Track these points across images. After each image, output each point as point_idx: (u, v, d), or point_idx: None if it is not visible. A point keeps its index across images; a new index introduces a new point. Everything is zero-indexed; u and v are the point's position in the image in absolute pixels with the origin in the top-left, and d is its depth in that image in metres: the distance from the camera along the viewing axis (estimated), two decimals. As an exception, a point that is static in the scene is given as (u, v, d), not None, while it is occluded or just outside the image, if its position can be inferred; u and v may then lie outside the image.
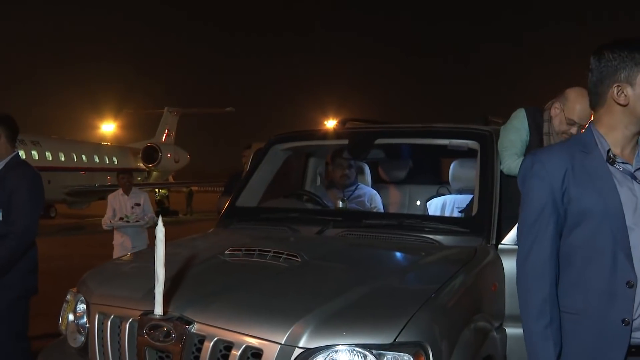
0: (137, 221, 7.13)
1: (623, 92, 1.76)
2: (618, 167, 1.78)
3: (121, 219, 7.15)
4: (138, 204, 7.28)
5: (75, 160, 23.64)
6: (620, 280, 1.71)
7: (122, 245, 7.11)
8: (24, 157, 18.91)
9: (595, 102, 1.85)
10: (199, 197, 31.69)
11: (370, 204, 3.96)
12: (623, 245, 1.71)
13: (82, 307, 2.58)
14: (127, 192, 7.34)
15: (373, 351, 1.87)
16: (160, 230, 2.03)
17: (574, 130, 2.85)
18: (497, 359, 2.48)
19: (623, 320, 1.70)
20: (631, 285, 1.70)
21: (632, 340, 1.71)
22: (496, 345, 2.48)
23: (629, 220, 1.73)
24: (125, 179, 7.42)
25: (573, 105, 2.88)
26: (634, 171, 1.78)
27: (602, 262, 1.74)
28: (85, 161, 24.46)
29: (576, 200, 1.78)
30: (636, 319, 1.71)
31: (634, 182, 1.77)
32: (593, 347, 1.75)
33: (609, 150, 1.79)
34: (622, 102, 1.77)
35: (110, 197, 7.42)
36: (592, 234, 1.76)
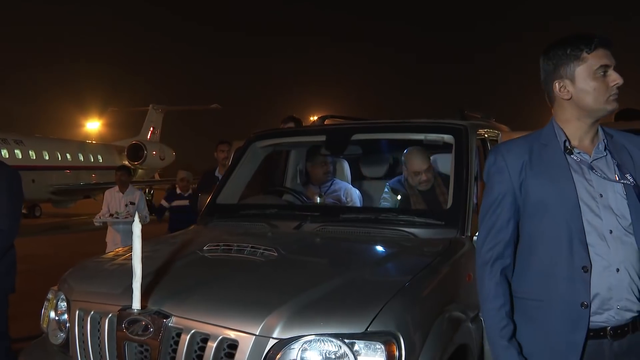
0: (126, 217, 7.01)
1: (565, 87, 1.87)
2: (575, 157, 1.86)
3: (111, 215, 7.08)
4: (132, 203, 7.21)
5: (60, 159, 23.40)
6: (577, 266, 1.79)
7: (114, 242, 7.03)
8: (7, 156, 18.85)
9: (549, 100, 1.96)
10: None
11: (346, 198, 4.01)
12: (578, 232, 1.80)
13: (63, 304, 2.61)
14: (122, 189, 7.26)
15: (345, 340, 1.93)
16: (137, 226, 2.07)
17: (423, 176, 3.60)
18: (472, 348, 2.52)
19: (582, 304, 1.78)
20: (586, 270, 1.78)
21: (591, 323, 1.79)
22: (471, 334, 2.53)
23: (584, 208, 1.81)
24: (123, 175, 7.33)
25: (409, 163, 3.66)
26: (591, 161, 1.86)
27: (559, 249, 1.82)
28: (70, 160, 24.22)
29: (533, 190, 1.87)
30: (593, 302, 1.79)
31: (590, 172, 1.85)
32: (556, 332, 1.82)
33: (565, 141, 1.88)
34: (565, 96, 1.88)
35: (106, 192, 7.38)
36: (550, 222, 1.85)
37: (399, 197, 3.74)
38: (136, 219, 2.08)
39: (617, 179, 1.83)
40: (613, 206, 1.81)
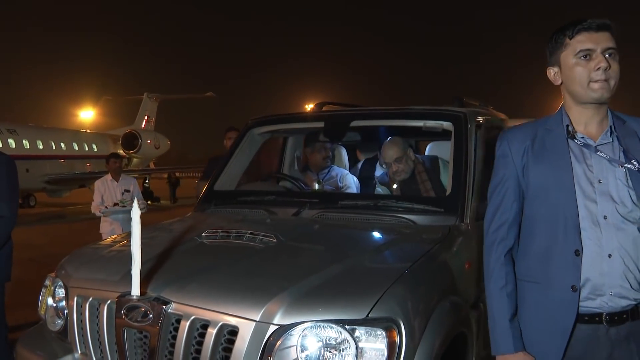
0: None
1: (557, 73, 1.92)
2: (578, 141, 1.88)
3: (116, 204, 6.92)
4: (128, 190, 7.05)
5: (54, 148, 23.26)
6: (570, 249, 1.82)
7: (112, 233, 6.69)
8: (0, 146, 18.74)
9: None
10: (182, 183, 31.29)
11: (342, 183, 4.01)
12: (571, 217, 1.83)
13: (60, 291, 2.60)
14: (116, 177, 7.11)
15: (346, 326, 1.92)
16: (135, 213, 2.06)
17: (393, 167, 3.63)
18: (470, 335, 2.53)
19: (572, 287, 1.82)
20: (578, 254, 1.81)
21: (580, 308, 1.83)
22: (470, 321, 2.54)
23: (579, 193, 1.84)
24: (117, 163, 7.17)
25: (383, 153, 3.68)
26: (596, 146, 1.86)
27: (555, 232, 1.86)
28: (64, 149, 24.07)
29: (533, 175, 1.92)
30: (585, 287, 1.82)
31: (593, 156, 1.86)
32: (547, 313, 1.87)
33: (567, 126, 1.90)
34: (557, 82, 1.93)
35: (97, 183, 7.19)
36: (547, 206, 1.88)
37: (379, 188, 3.85)
38: (135, 204, 2.06)
39: (621, 164, 1.83)
40: (613, 192, 1.83)
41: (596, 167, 1.85)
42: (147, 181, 27.91)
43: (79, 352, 2.38)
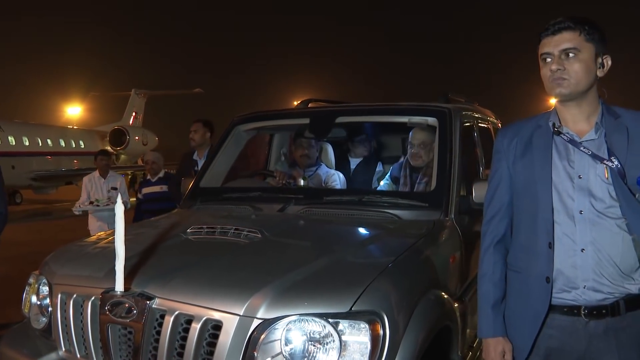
0: (107, 205, 6.75)
1: None
2: (564, 137, 1.93)
3: (91, 202, 6.85)
4: (115, 188, 6.99)
5: (40, 144, 23.05)
6: (544, 242, 1.90)
7: (101, 229, 6.69)
8: (-14, 142, 18.52)
9: None
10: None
11: (325, 183, 4.01)
12: (546, 210, 1.90)
13: (44, 288, 2.59)
14: (104, 174, 7.05)
15: (329, 320, 1.93)
16: (119, 208, 2.05)
17: (415, 150, 3.60)
18: (455, 329, 2.55)
19: (546, 278, 1.89)
20: (550, 246, 1.89)
21: (557, 300, 1.91)
22: (454, 315, 2.55)
23: (557, 188, 1.90)
24: (104, 160, 7.10)
25: (412, 135, 3.63)
26: (581, 141, 1.90)
27: (534, 225, 1.93)
28: (51, 145, 23.86)
29: (518, 168, 1.99)
30: (558, 278, 1.90)
31: (576, 152, 1.90)
32: (525, 302, 1.96)
33: (553, 124, 1.96)
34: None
35: (85, 179, 7.12)
36: (528, 199, 1.96)
37: (385, 180, 3.81)
38: (119, 200, 2.06)
39: (602, 161, 1.86)
40: (592, 188, 1.87)
41: (578, 162, 1.89)
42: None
43: (63, 349, 2.37)
